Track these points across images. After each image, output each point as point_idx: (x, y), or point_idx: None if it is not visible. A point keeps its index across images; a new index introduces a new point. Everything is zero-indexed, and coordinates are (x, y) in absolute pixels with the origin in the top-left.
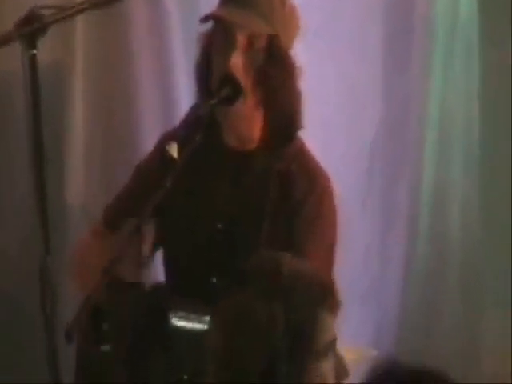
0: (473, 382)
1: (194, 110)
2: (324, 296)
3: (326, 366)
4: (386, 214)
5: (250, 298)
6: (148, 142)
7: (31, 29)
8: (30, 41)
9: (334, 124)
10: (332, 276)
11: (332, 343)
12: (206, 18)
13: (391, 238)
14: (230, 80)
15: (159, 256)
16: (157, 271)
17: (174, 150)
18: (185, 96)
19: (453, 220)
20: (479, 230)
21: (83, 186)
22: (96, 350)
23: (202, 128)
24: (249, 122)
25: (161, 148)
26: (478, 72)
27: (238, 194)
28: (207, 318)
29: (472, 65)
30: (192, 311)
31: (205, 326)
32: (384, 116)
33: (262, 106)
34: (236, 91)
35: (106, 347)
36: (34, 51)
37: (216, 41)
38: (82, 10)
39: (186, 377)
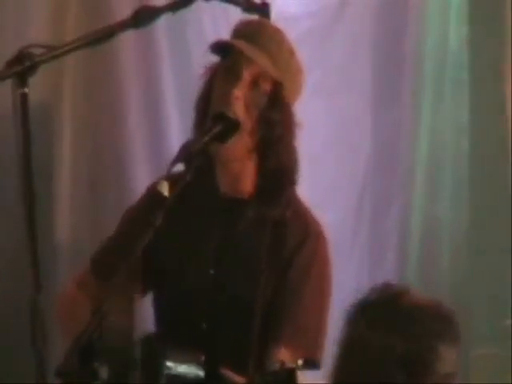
0: None
1: (185, 147)
2: (444, 328)
3: None
4: (375, 249)
5: (366, 326)
6: (136, 180)
7: (22, 67)
8: (21, 79)
9: (324, 158)
10: (325, 324)
11: (451, 375)
12: (215, 45)
13: (381, 273)
14: (223, 116)
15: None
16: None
17: (164, 187)
18: (175, 132)
19: (442, 255)
20: (468, 263)
21: (71, 223)
22: None
23: (193, 166)
24: (241, 165)
25: (149, 195)
26: (467, 106)
27: (231, 240)
28: (199, 367)
29: (461, 99)
30: (183, 360)
31: (198, 374)
32: (374, 150)
33: (257, 154)
34: (231, 126)
35: None
36: (26, 89)
37: (221, 74)
38: (72, 49)
39: None
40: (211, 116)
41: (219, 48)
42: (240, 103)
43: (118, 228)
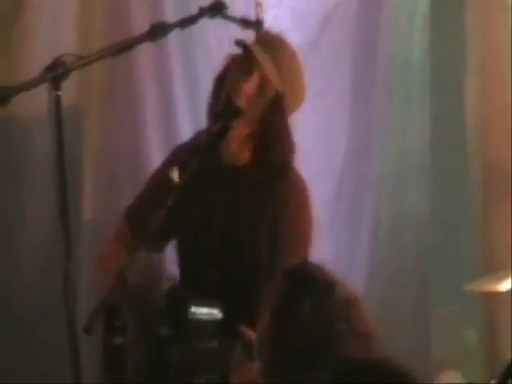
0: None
1: (196, 136)
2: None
3: None
4: (352, 227)
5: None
6: (151, 165)
7: (56, 73)
8: (56, 83)
9: (311, 150)
10: (307, 253)
11: None
12: (240, 42)
13: (357, 249)
14: (229, 104)
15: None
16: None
17: (175, 174)
18: (184, 126)
19: (408, 231)
20: (430, 242)
21: (95, 206)
22: (110, 342)
23: (201, 154)
24: (239, 147)
25: (170, 160)
26: (429, 107)
27: (235, 203)
28: (216, 311)
29: (424, 101)
30: (203, 305)
31: (216, 317)
32: (351, 144)
33: (254, 143)
34: (235, 112)
35: (118, 340)
36: (59, 92)
37: (236, 65)
38: (98, 59)
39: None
40: (222, 99)
41: (242, 46)
42: (245, 95)
43: (145, 189)
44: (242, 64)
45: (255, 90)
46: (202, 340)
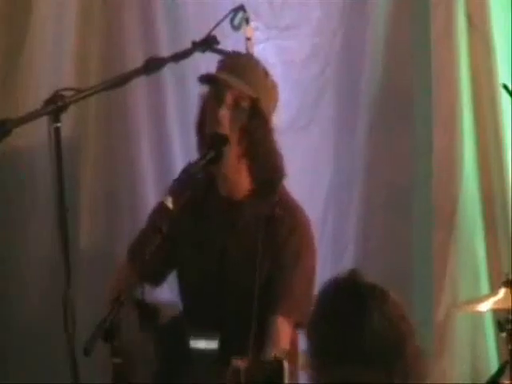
0: None
1: (186, 169)
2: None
3: None
4: (336, 248)
5: None
6: (146, 197)
7: (56, 106)
8: (55, 116)
9: (299, 179)
10: (312, 296)
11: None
12: (203, 78)
13: (340, 267)
14: (216, 134)
15: None
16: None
17: (169, 202)
18: (177, 153)
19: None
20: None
21: (93, 233)
22: (110, 361)
23: (194, 184)
24: (235, 170)
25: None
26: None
27: (233, 235)
28: (216, 341)
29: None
30: (204, 336)
31: (213, 348)
32: (334, 176)
33: (247, 159)
34: (222, 140)
35: (117, 360)
36: (59, 124)
37: (210, 100)
38: (95, 92)
39: None
40: (207, 135)
41: (207, 79)
42: (225, 120)
43: (144, 227)
44: (213, 96)
45: (232, 110)
46: (200, 368)
